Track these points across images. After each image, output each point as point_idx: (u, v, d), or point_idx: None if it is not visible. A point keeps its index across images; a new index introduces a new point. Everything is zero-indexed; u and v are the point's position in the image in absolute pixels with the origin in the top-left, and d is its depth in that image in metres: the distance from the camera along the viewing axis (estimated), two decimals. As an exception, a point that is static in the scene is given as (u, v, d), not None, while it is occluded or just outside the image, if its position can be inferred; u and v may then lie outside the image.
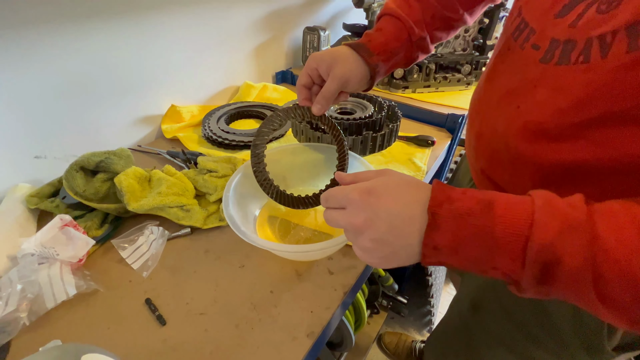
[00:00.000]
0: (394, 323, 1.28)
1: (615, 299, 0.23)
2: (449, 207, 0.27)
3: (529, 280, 0.25)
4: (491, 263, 0.26)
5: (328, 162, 0.57)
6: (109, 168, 0.55)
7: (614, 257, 0.22)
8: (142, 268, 0.48)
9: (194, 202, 0.56)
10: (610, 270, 0.22)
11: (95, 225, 0.52)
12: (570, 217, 0.24)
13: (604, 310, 0.24)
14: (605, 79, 0.27)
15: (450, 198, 0.27)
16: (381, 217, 0.28)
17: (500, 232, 0.25)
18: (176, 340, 0.40)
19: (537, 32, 0.34)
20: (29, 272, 0.43)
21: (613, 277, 0.22)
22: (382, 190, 0.29)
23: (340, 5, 1.20)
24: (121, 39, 0.66)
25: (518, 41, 0.37)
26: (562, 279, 0.24)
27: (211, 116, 0.80)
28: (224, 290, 0.46)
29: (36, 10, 0.54)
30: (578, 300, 0.25)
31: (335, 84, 0.44)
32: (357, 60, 0.46)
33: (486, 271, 0.27)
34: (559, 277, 0.24)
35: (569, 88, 0.30)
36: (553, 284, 0.24)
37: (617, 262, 0.22)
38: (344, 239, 0.41)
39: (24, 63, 0.55)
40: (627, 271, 0.22)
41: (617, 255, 0.22)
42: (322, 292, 0.46)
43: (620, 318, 0.24)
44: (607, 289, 0.23)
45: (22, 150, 0.60)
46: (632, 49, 0.26)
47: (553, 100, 0.32)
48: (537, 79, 0.33)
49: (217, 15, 0.81)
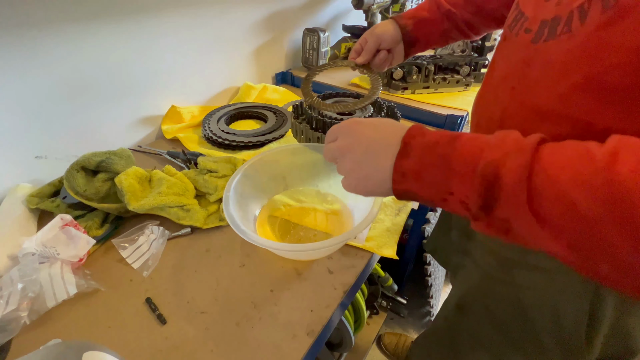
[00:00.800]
0: (394, 324, 1.28)
1: (549, 217, 0.23)
2: (421, 140, 0.30)
3: (476, 201, 0.26)
4: (448, 187, 0.28)
5: (327, 163, 0.57)
6: (109, 168, 0.55)
7: (547, 174, 0.23)
8: (143, 267, 0.48)
9: (194, 202, 0.56)
10: (543, 186, 0.23)
11: (96, 225, 0.53)
12: (520, 143, 0.25)
13: (543, 234, 0.24)
14: (585, 42, 0.28)
15: (423, 133, 0.30)
16: (362, 142, 0.32)
17: (456, 157, 0.27)
18: (177, 339, 0.41)
19: (530, 18, 0.36)
20: (29, 271, 0.43)
21: (545, 193, 0.23)
22: (368, 123, 0.34)
23: (340, 6, 1.20)
24: (122, 40, 0.66)
25: (513, 30, 0.38)
26: (502, 197, 0.25)
27: (211, 117, 0.80)
28: (225, 289, 0.46)
29: (39, 12, 0.54)
30: (520, 225, 0.25)
31: (372, 39, 0.58)
32: (391, 22, 0.58)
33: (445, 199, 0.28)
34: (500, 197, 0.25)
35: (557, 59, 0.31)
36: (497, 205, 0.25)
37: (549, 177, 0.23)
38: (344, 238, 0.41)
39: (25, 64, 0.55)
40: (557, 187, 0.22)
41: (550, 171, 0.23)
42: (322, 291, 0.46)
43: (559, 242, 0.23)
44: (542, 206, 0.23)
45: (23, 150, 0.60)
46: (605, 8, 0.27)
47: (544, 75, 0.33)
48: (529, 58, 0.34)
49: (218, 16, 0.81)
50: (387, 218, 0.57)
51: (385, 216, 0.58)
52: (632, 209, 0.20)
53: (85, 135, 0.67)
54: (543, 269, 0.40)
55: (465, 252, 0.54)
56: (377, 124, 0.33)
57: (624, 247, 0.21)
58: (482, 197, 0.26)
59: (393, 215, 0.58)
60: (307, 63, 1.05)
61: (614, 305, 0.36)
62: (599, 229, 0.21)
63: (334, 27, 1.22)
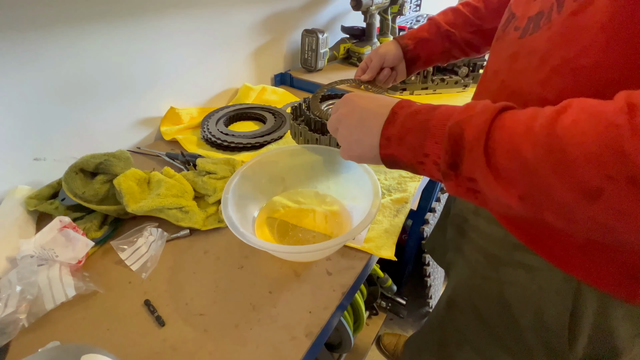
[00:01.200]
0: (393, 324, 1.28)
1: (503, 170, 0.25)
2: (407, 109, 0.33)
3: (445, 159, 0.28)
4: (423, 149, 0.30)
5: (326, 164, 0.57)
6: (108, 170, 0.55)
7: (503, 130, 0.26)
8: (142, 269, 0.48)
9: (193, 204, 0.56)
10: (498, 141, 0.25)
11: (95, 227, 0.52)
12: (487, 106, 0.28)
13: (499, 188, 0.26)
14: (561, 29, 0.31)
15: (410, 104, 0.33)
16: (356, 111, 0.36)
17: (433, 122, 0.30)
18: (175, 341, 0.41)
19: (519, 17, 0.38)
20: (28, 273, 0.43)
21: (500, 147, 0.25)
22: (365, 95, 0.38)
23: (339, 8, 1.21)
24: (121, 41, 0.66)
25: (505, 30, 0.41)
26: (465, 153, 0.27)
27: (210, 118, 0.80)
28: (223, 291, 0.46)
29: (36, 13, 0.54)
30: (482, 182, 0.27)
31: (377, 58, 0.63)
32: (393, 43, 0.63)
33: (422, 162, 0.31)
34: (463, 153, 0.27)
35: (539, 48, 0.34)
36: (462, 162, 0.27)
37: (503, 132, 0.25)
38: (342, 240, 0.41)
39: (23, 65, 0.55)
40: (510, 140, 0.25)
41: (506, 128, 0.25)
42: (321, 293, 0.46)
43: (511, 194, 0.25)
44: (497, 160, 0.25)
45: (21, 152, 0.60)
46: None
47: (528, 64, 0.35)
48: (516, 52, 0.37)
49: (216, 17, 0.81)
50: (386, 219, 0.57)
51: (383, 217, 0.58)
52: (564, 154, 0.22)
53: (84, 137, 0.67)
54: (526, 265, 0.41)
55: (458, 250, 0.55)
56: (373, 97, 0.37)
57: (558, 189, 0.23)
58: (449, 153, 0.28)
59: (391, 216, 0.58)
60: (305, 64, 1.05)
61: (595, 304, 0.36)
62: (540, 175, 0.23)
63: (333, 28, 1.22)
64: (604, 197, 0.21)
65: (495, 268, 0.45)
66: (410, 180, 0.65)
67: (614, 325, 0.36)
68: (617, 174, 0.20)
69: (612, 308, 0.36)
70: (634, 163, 0.20)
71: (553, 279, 0.38)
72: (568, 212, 0.23)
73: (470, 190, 0.28)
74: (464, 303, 0.52)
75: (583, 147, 0.21)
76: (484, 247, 0.47)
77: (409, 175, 0.66)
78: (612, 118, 0.21)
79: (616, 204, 0.21)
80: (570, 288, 0.37)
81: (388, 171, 0.67)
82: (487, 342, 0.49)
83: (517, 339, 0.44)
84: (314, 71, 1.05)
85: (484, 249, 0.47)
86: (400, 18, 1.30)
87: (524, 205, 0.25)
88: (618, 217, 0.22)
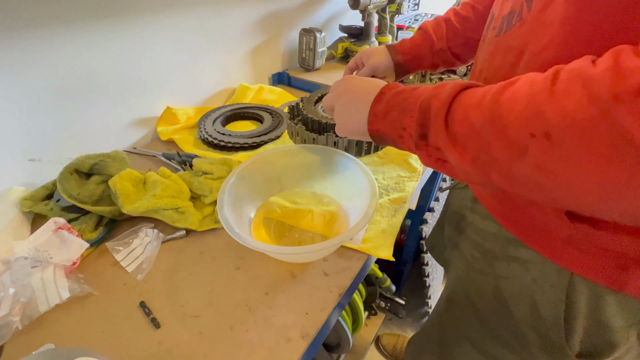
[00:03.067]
0: (392, 324, 1.28)
1: (458, 136, 0.29)
2: (394, 90, 0.36)
3: (416, 130, 0.32)
4: (402, 124, 0.34)
5: (323, 164, 0.57)
6: (103, 170, 0.55)
7: (462, 101, 0.29)
8: (137, 271, 0.48)
9: (189, 205, 0.56)
10: (456, 110, 0.29)
11: (90, 228, 0.52)
12: (456, 83, 0.31)
13: (456, 154, 0.29)
14: (531, 26, 0.33)
15: (397, 86, 0.37)
16: (351, 90, 0.40)
17: (411, 99, 0.33)
18: (171, 343, 0.40)
19: (495, 17, 0.40)
20: (22, 275, 0.43)
21: (457, 116, 0.29)
22: (361, 78, 0.42)
23: (336, 7, 1.20)
24: (117, 41, 0.66)
25: (487, 31, 0.43)
26: (431, 123, 0.31)
27: (207, 118, 0.79)
28: (219, 293, 0.46)
29: (31, 13, 0.53)
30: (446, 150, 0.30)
31: (367, 69, 0.64)
32: (387, 56, 0.63)
33: (401, 136, 0.34)
34: (430, 123, 0.31)
35: (512, 44, 0.35)
36: (429, 132, 0.31)
37: (461, 103, 0.29)
38: (339, 241, 0.41)
39: (18, 65, 0.55)
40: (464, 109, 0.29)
41: (464, 99, 0.29)
42: (317, 294, 0.46)
43: (465, 158, 0.29)
44: (454, 127, 0.29)
45: (16, 153, 0.59)
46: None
47: (504, 61, 0.37)
48: (495, 49, 0.39)
49: (213, 17, 0.81)
50: (384, 219, 0.57)
51: (381, 217, 0.57)
52: (501, 118, 0.26)
53: (79, 137, 0.67)
54: (520, 259, 0.41)
55: (454, 246, 0.55)
56: (367, 79, 0.41)
57: (497, 148, 0.26)
58: (419, 124, 0.32)
59: (389, 216, 0.58)
60: (303, 63, 1.04)
61: (587, 295, 0.37)
62: (484, 138, 0.27)
63: (331, 27, 1.21)
64: (529, 153, 0.24)
65: (491, 263, 0.45)
66: (408, 180, 0.65)
67: (607, 316, 0.37)
68: (537, 131, 0.23)
69: (604, 299, 0.36)
70: (548, 120, 0.23)
71: (547, 272, 0.39)
72: (507, 170, 0.26)
73: (439, 160, 0.32)
74: (462, 299, 0.52)
75: (515, 111, 0.25)
76: (479, 242, 0.47)
77: (407, 175, 0.66)
78: (540, 85, 0.24)
79: (539, 160, 0.24)
80: (564, 280, 0.37)
81: (386, 171, 0.67)
82: (486, 338, 0.49)
83: (514, 333, 0.45)
84: (311, 70, 1.05)
85: (479, 244, 0.47)
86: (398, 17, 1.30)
87: (475, 167, 0.29)
88: (542, 173, 0.24)
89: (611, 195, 0.22)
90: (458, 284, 0.53)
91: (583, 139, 0.22)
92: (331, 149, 0.56)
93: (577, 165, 0.22)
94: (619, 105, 0.20)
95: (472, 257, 0.49)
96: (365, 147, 0.61)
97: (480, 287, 0.48)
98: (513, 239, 0.41)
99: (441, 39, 0.62)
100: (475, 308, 0.49)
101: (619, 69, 0.20)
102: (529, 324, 0.42)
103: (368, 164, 0.69)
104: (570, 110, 0.22)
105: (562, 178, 0.24)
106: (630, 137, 0.20)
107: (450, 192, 0.64)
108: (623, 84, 0.20)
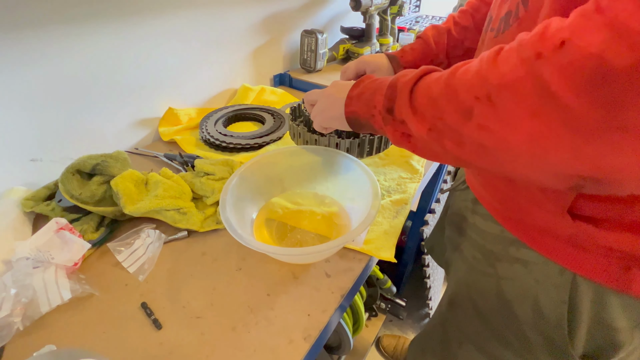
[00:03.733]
0: (393, 326, 1.28)
1: (419, 107, 0.32)
2: (372, 78, 0.40)
3: (384, 104, 0.35)
4: (373, 102, 0.37)
5: (325, 165, 0.57)
6: (105, 171, 0.55)
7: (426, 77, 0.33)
8: (138, 272, 0.48)
9: (190, 205, 0.55)
10: (420, 85, 0.32)
11: (91, 229, 0.52)
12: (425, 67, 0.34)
13: (417, 124, 0.32)
14: (529, 24, 0.33)
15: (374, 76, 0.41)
16: (337, 85, 0.45)
17: (384, 82, 0.37)
18: (172, 344, 0.40)
19: (493, 19, 0.41)
20: (23, 276, 0.43)
21: (419, 90, 0.32)
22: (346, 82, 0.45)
23: (338, 8, 1.20)
24: (119, 41, 0.66)
25: (485, 33, 0.43)
26: (397, 97, 0.34)
27: (209, 119, 0.80)
28: (221, 294, 0.46)
29: (33, 13, 0.53)
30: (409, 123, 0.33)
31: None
32: (386, 62, 0.63)
33: (373, 115, 0.37)
34: (396, 96, 0.34)
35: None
36: (395, 106, 0.34)
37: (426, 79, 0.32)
38: (341, 242, 0.40)
39: (20, 65, 0.55)
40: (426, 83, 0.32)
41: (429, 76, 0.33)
42: (319, 295, 0.46)
43: (424, 127, 0.31)
44: (416, 99, 0.32)
45: (18, 153, 0.59)
46: None
47: None
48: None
49: (215, 18, 0.81)
50: (385, 220, 0.57)
51: (383, 219, 0.57)
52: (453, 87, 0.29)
53: (81, 137, 0.67)
54: (522, 260, 0.41)
55: (456, 248, 0.55)
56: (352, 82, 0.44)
57: (448, 113, 0.29)
58: (387, 98, 0.35)
59: (391, 217, 0.58)
60: (305, 65, 1.05)
61: (591, 296, 0.36)
62: (439, 105, 0.30)
63: (332, 28, 1.22)
64: (474, 115, 0.27)
65: (492, 264, 0.45)
66: (409, 182, 0.65)
67: (611, 317, 0.36)
68: (481, 94, 0.26)
69: (608, 299, 0.36)
70: (490, 83, 0.26)
71: (549, 273, 0.38)
72: (457, 135, 0.29)
73: (405, 135, 0.34)
74: (464, 300, 0.52)
75: (464, 78, 0.28)
76: (481, 243, 0.47)
77: (408, 177, 0.66)
78: (487, 56, 0.27)
79: (482, 120, 0.27)
80: (566, 281, 0.37)
81: (387, 172, 0.67)
82: (488, 339, 0.49)
83: (517, 334, 0.44)
84: (313, 72, 1.05)
85: (480, 245, 0.47)
86: (399, 19, 1.30)
87: (432, 136, 0.31)
88: (485, 133, 0.27)
89: (539, 150, 0.25)
90: (460, 285, 0.53)
91: (515, 96, 0.24)
92: (333, 150, 0.56)
93: (512, 123, 0.25)
94: (541, 60, 0.22)
95: (473, 258, 0.49)
96: (367, 149, 0.60)
97: (483, 289, 0.47)
98: (515, 240, 0.41)
99: (442, 51, 0.62)
100: (478, 309, 0.49)
101: (544, 33, 0.23)
102: (532, 325, 0.42)
103: (369, 165, 0.69)
104: (506, 72, 0.25)
105: (501, 137, 0.26)
106: (549, 87, 0.22)
107: (450, 194, 0.64)
108: (545, 43, 0.22)
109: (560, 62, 0.21)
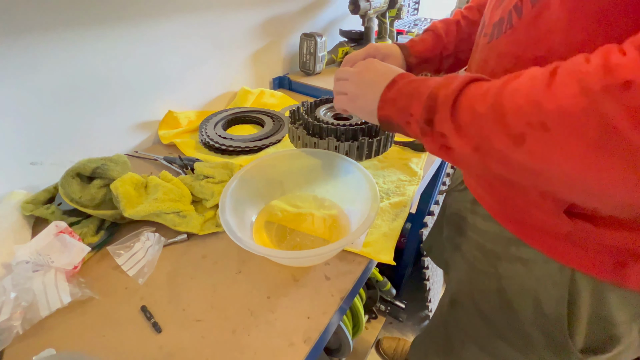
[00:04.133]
0: (392, 328, 1.28)
1: (463, 124, 0.31)
2: (406, 79, 0.39)
3: (422, 115, 0.34)
4: (410, 110, 0.36)
5: (325, 168, 0.57)
6: (105, 174, 0.55)
7: (468, 92, 0.31)
8: (138, 275, 0.48)
9: (190, 208, 0.56)
10: (462, 101, 0.31)
11: (91, 232, 0.52)
12: (465, 77, 0.32)
13: (459, 141, 0.31)
14: (525, 32, 0.34)
15: (409, 76, 0.39)
16: (371, 70, 0.43)
17: (421, 88, 0.35)
18: (172, 348, 0.40)
19: (486, 24, 0.41)
20: (23, 279, 0.43)
21: (462, 105, 0.31)
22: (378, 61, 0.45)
23: (337, 11, 1.21)
24: (118, 45, 0.66)
25: (479, 39, 0.43)
26: (438, 110, 0.33)
27: (208, 122, 0.80)
28: (221, 297, 0.46)
29: (34, 18, 0.54)
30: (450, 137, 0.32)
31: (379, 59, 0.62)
32: (401, 57, 0.62)
33: (408, 122, 0.36)
34: (437, 109, 0.33)
35: (506, 50, 0.37)
36: (435, 119, 0.33)
37: (467, 94, 0.31)
38: (341, 245, 0.41)
39: (20, 69, 0.55)
40: (469, 99, 0.31)
41: (470, 90, 0.31)
42: (319, 298, 0.46)
43: (468, 145, 0.30)
44: (459, 116, 0.31)
45: (17, 157, 0.59)
46: (533, 4, 0.32)
47: (498, 65, 0.38)
48: (487, 56, 0.40)
49: (215, 21, 0.82)
50: (384, 223, 0.57)
51: (382, 221, 0.58)
52: (502, 108, 0.27)
53: (81, 141, 0.67)
54: (523, 259, 0.41)
55: (456, 248, 0.56)
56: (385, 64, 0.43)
57: (496, 136, 0.28)
58: (426, 110, 0.34)
59: (390, 220, 0.58)
60: (304, 68, 1.05)
61: (589, 291, 0.37)
62: (485, 125, 0.29)
63: (331, 31, 1.22)
64: (526, 142, 0.26)
65: (493, 263, 0.45)
66: (408, 184, 0.65)
67: (610, 311, 0.37)
68: (534, 121, 0.25)
69: (606, 294, 0.37)
70: (545, 111, 0.24)
71: (549, 270, 0.39)
72: (504, 158, 0.28)
73: (444, 147, 0.33)
74: (465, 300, 0.52)
75: (515, 101, 0.27)
76: (481, 243, 0.48)
77: (407, 179, 0.66)
78: (540, 78, 0.26)
79: (535, 148, 0.26)
80: (565, 278, 0.38)
81: (386, 175, 0.67)
82: (491, 338, 0.49)
83: (519, 332, 0.45)
84: (312, 75, 1.06)
85: (481, 245, 0.48)
86: (398, 21, 1.31)
87: (477, 155, 0.30)
88: (537, 160, 0.26)
89: (597, 184, 0.24)
90: (461, 285, 0.53)
91: (575, 128, 0.23)
92: (332, 153, 0.56)
93: (569, 154, 0.24)
94: (607, 96, 0.22)
95: (474, 258, 0.49)
96: (366, 151, 0.61)
97: (484, 288, 0.48)
98: (515, 239, 0.42)
99: (451, 43, 0.61)
100: (480, 309, 0.49)
101: (608, 65, 0.22)
102: (534, 322, 0.42)
103: (368, 167, 0.69)
104: (565, 102, 0.23)
105: (555, 166, 0.25)
106: (614, 124, 0.22)
107: (447, 195, 0.64)
108: (611, 78, 0.22)
109: (628, 103, 0.21)
